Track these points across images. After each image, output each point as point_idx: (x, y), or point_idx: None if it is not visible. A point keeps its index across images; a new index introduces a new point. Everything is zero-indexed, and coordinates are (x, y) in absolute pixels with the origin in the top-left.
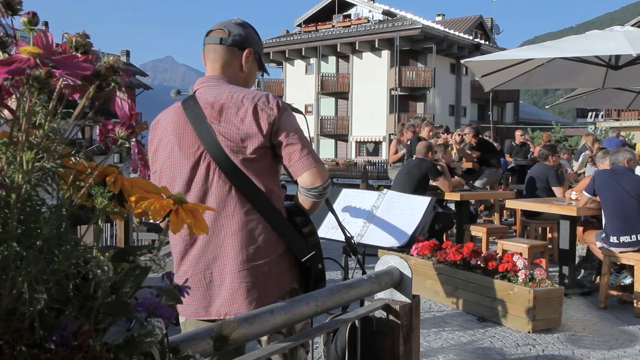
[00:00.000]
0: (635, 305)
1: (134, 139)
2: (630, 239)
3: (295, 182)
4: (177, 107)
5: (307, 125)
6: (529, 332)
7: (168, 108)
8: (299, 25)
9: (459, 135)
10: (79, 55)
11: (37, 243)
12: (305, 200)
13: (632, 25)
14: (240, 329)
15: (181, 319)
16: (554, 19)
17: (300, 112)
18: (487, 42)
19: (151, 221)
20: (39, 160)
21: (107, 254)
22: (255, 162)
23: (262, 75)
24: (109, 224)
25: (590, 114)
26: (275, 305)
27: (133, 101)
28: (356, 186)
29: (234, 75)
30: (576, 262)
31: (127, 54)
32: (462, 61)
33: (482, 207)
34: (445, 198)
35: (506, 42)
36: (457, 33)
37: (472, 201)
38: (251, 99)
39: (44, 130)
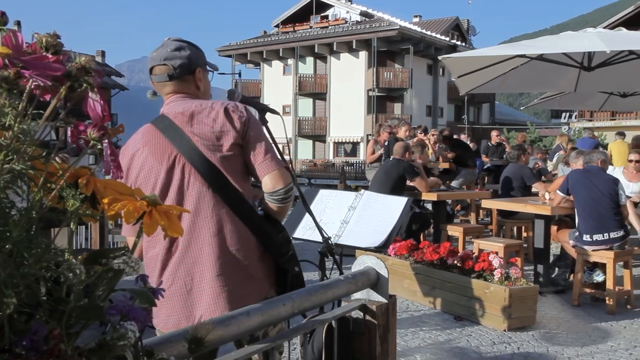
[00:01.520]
0: (607, 302)
1: (106, 141)
2: (603, 237)
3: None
4: (146, 126)
5: (285, 126)
6: (504, 330)
7: (137, 131)
8: (277, 26)
9: (432, 135)
10: (50, 56)
11: (7, 246)
12: (271, 206)
13: (604, 27)
14: (216, 331)
15: (158, 334)
16: (529, 20)
17: (278, 113)
18: (464, 44)
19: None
20: (9, 162)
21: (79, 256)
22: (231, 161)
23: (240, 76)
24: (84, 227)
25: (564, 114)
26: (252, 306)
27: (108, 102)
28: (334, 187)
29: (194, 94)
30: (550, 260)
31: (103, 54)
32: (439, 57)
33: (458, 207)
34: (423, 198)
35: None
36: (434, 34)
37: (449, 201)
38: (220, 104)
39: (14, 131)
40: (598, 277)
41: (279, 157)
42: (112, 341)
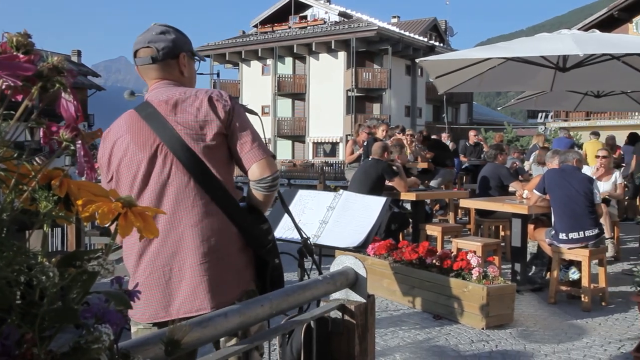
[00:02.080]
0: (582, 300)
1: (79, 142)
2: (579, 235)
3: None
4: (129, 112)
5: (262, 126)
6: (482, 329)
7: (120, 116)
8: (255, 26)
9: (408, 136)
10: (20, 56)
11: None
12: (257, 194)
13: (578, 29)
14: (193, 332)
15: (133, 329)
16: (505, 22)
17: (255, 114)
18: (442, 44)
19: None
20: None
21: (53, 259)
22: (214, 151)
23: (218, 76)
24: (59, 229)
25: (540, 114)
26: (230, 307)
27: (85, 102)
28: (314, 187)
29: (178, 80)
30: (527, 259)
31: (79, 54)
32: (417, 60)
33: (437, 207)
34: (401, 198)
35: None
36: (412, 35)
37: (428, 201)
38: (204, 92)
39: None
40: (574, 275)
41: (265, 145)
42: (87, 345)
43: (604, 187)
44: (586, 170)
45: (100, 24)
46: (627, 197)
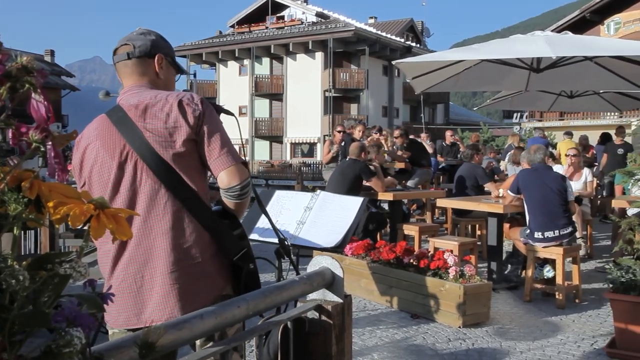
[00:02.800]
0: (557, 297)
1: (49, 143)
2: (554, 234)
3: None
4: (101, 116)
5: (239, 127)
6: (459, 327)
7: (92, 121)
8: (232, 26)
9: (384, 137)
10: None
11: None
12: (227, 202)
13: (551, 30)
14: (168, 335)
15: (110, 332)
16: (481, 23)
17: (232, 114)
18: (418, 45)
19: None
20: None
21: (24, 262)
22: (185, 158)
23: (195, 76)
24: (32, 231)
25: (515, 115)
26: (205, 309)
27: (59, 103)
28: (291, 187)
29: (153, 82)
30: (503, 257)
31: (52, 53)
32: (393, 62)
33: (414, 207)
34: (379, 198)
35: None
36: (389, 35)
37: (405, 201)
38: (175, 96)
39: None
40: (548, 273)
41: (236, 151)
42: (58, 349)
43: (575, 186)
44: (558, 169)
45: (75, 23)
46: (599, 196)
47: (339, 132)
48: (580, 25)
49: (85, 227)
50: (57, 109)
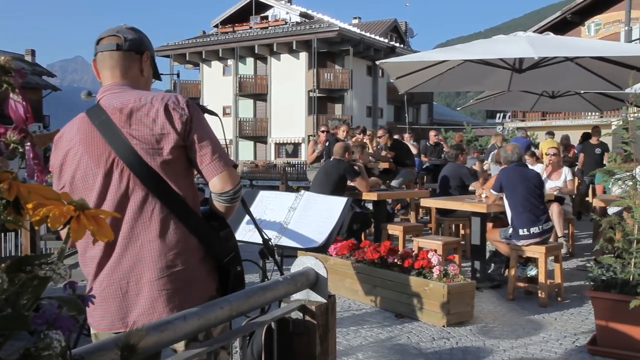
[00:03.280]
0: (539, 295)
1: (28, 144)
2: (538, 229)
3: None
4: (81, 117)
5: (223, 127)
6: (443, 326)
7: (71, 120)
8: (216, 26)
9: (368, 137)
10: None
11: None
12: (218, 206)
13: (533, 31)
14: (151, 336)
15: (92, 331)
16: (465, 23)
17: (216, 115)
18: (402, 45)
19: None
20: None
21: (2, 264)
22: (172, 164)
23: (178, 76)
24: (13, 233)
25: (498, 115)
26: (188, 310)
27: (40, 103)
28: (276, 188)
29: (135, 80)
30: (487, 256)
31: (33, 53)
32: (377, 62)
33: (398, 206)
34: (363, 198)
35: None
36: (373, 36)
37: (389, 200)
38: (160, 99)
39: None
40: (531, 272)
41: (227, 155)
42: (37, 352)
43: (555, 184)
44: (538, 168)
45: (56, 22)
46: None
47: (323, 132)
48: (562, 26)
49: (66, 229)
50: (37, 109)
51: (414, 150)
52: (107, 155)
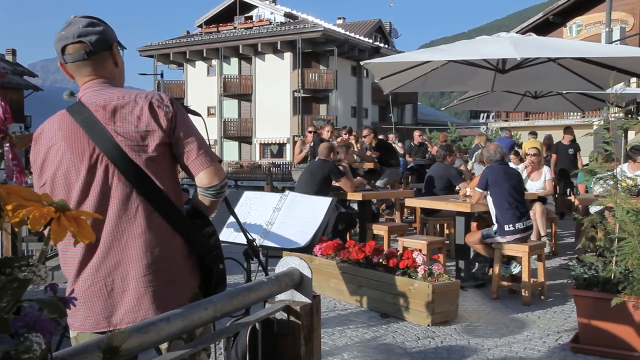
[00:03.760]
0: (523, 294)
1: (7, 144)
2: (522, 225)
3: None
4: (62, 113)
5: (206, 128)
6: (428, 325)
7: (51, 117)
8: (200, 26)
9: (354, 137)
10: None
11: None
12: (203, 199)
13: (516, 32)
14: (134, 338)
15: (72, 334)
16: (448, 24)
17: (199, 115)
18: (387, 46)
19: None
20: None
21: None
22: (157, 161)
23: (162, 76)
24: None
25: (482, 115)
26: (172, 312)
27: (21, 103)
28: (261, 188)
29: (111, 74)
30: (471, 256)
31: (13, 52)
32: (361, 63)
33: (383, 206)
34: (348, 198)
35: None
36: (357, 36)
37: (374, 200)
38: (144, 97)
39: None
40: (515, 269)
41: (212, 151)
42: (17, 355)
43: (535, 185)
44: (521, 167)
45: (37, 22)
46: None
47: (310, 132)
48: (544, 27)
49: (46, 231)
50: (19, 109)
51: (399, 151)
52: (91, 151)
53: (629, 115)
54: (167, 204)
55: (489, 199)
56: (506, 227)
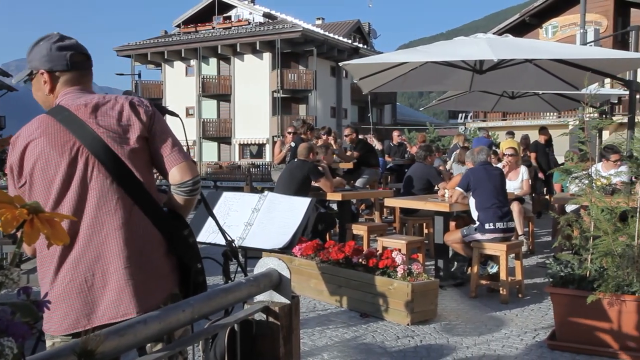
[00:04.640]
0: (501, 292)
1: None
2: (503, 225)
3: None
4: (40, 116)
5: (184, 128)
6: (408, 325)
7: (29, 122)
8: (178, 26)
9: (333, 138)
10: None
11: None
12: (178, 198)
13: (493, 33)
14: (111, 341)
15: (48, 343)
16: (426, 25)
17: (177, 115)
18: (366, 46)
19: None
20: None
21: None
22: (138, 154)
23: (140, 77)
24: None
25: (460, 115)
26: (149, 314)
27: None
28: (240, 189)
29: (89, 86)
30: (450, 255)
31: None
32: (340, 64)
33: (363, 206)
34: (328, 198)
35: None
36: (336, 37)
37: (354, 200)
38: (124, 98)
39: None
40: (492, 269)
41: (185, 151)
42: None
43: (513, 184)
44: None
45: (10, 19)
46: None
47: (290, 133)
48: (521, 28)
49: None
50: None
51: (378, 147)
52: (72, 144)
53: (603, 116)
54: (148, 198)
55: (471, 201)
56: (486, 225)
